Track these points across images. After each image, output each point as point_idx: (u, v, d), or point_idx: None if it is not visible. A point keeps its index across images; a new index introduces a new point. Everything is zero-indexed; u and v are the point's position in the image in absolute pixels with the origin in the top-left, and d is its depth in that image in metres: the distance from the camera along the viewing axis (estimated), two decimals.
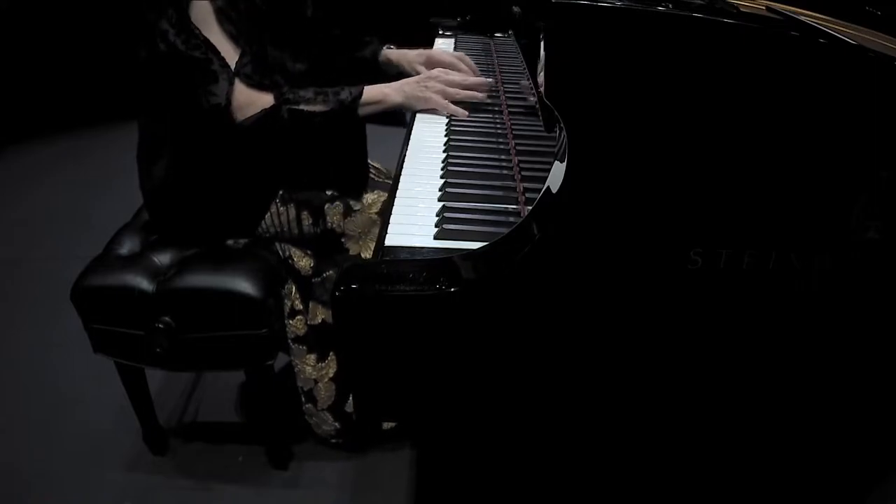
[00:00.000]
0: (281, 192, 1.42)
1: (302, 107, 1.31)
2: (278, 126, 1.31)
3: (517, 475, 1.25)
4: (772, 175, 0.82)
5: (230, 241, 1.47)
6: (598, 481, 1.15)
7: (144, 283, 1.35)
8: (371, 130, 1.49)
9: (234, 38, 1.30)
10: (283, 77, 1.39)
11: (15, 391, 1.80)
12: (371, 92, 1.36)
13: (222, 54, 1.29)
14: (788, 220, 0.84)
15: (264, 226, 1.44)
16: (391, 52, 1.64)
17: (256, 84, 1.31)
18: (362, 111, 1.36)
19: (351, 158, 1.48)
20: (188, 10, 1.28)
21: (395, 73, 1.62)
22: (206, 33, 1.28)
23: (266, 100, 1.31)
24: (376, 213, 1.44)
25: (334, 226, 1.43)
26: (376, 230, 1.40)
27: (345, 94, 1.33)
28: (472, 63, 1.53)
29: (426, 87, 1.40)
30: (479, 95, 1.42)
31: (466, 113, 1.38)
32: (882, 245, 0.85)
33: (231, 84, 1.29)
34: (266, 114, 1.30)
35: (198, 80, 1.29)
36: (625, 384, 0.93)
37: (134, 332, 1.37)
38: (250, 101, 1.30)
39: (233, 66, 1.29)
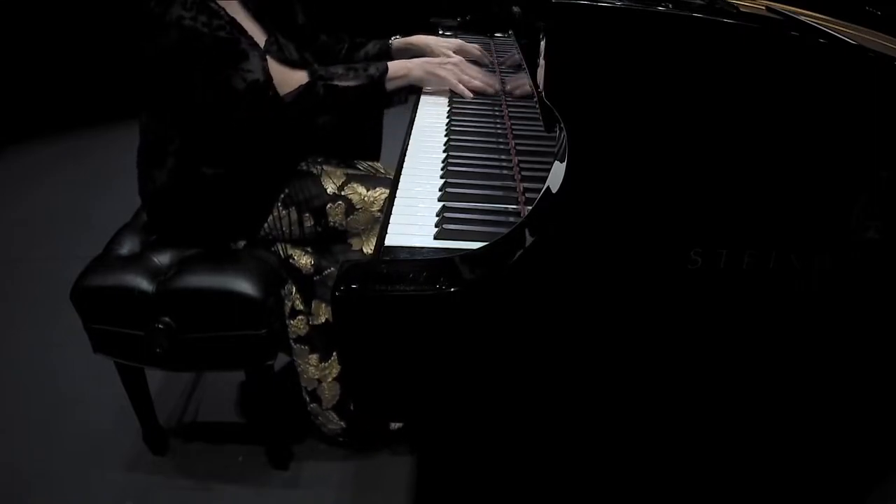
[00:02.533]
0: (282, 196, 1.42)
1: (336, 82, 1.35)
2: (316, 102, 1.34)
3: (517, 475, 1.25)
4: (772, 175, 0.82)
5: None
6: (599, 481, 1.15)
7: (144, 284, 1.35)
8: None
9: (258, 18, 1.32)
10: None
11: (15, 391, 1.80)
12: (395, 66, 1.44)
13: (249, 34, 1.29)
14: (788, 220, 0.84)
15: (266, 229, 1.44)
16: (415, 38, 1.70)
17: (290, 61, 1.34)
18: (389, 85, 1.42)
19: (371, 129, 1.55)
20: None
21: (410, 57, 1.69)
22: (231, 12, 1.29)
23: (300, 76, 1.33)
24: (378, 211, 1.44)
25: (336, 224, 1.44)
26: (378, 227, 1.40)
27: (373, 70, 1.39)
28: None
29: (446, 68, 1.49)
30: (489, 90, 1.50)
31: (472, 95, 1.48)
32: (882, 245, 0.85)
33: (264, 59, 1.29)
34: (304, 89, 1.32)
35: (226, 61, 1.27)
36: (625, 384, 0.93)
37: (134, 332, 1.36)
38: (283, 78, 1.31)
39: (261, 45, 1.30)
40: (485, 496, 1.38)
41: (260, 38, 1.31)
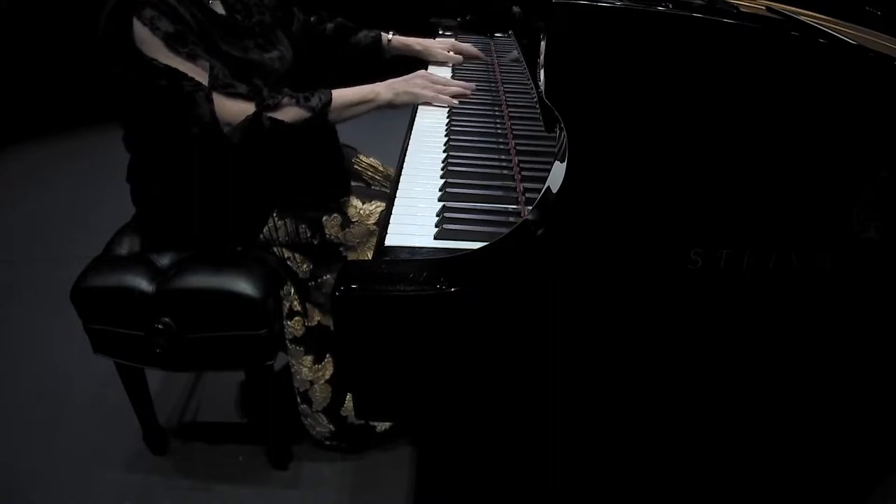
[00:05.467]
0: (278, 208, 1.42)
1: (278, 115, 1.31)
2: (261, 133, 1.30)
3: (517, 474, 1.25)
4: (772, 175, 0.82)
5: None
6: (598, 480, 1.15)
7: (144, 284, 1.35)
8: (371, 129, 1.50)
9: (194, 57, 1.27)
10: (258, 73, 1.38)
11: (15, 391, 1.80)
12: (363, 91, 1.39)
13: (190, 75, 1.26)
14: (788, 220, 0.84)
15: (263, 238, 1.44)
16: (412, 41, 1.73)
17: (237, 94, 1.30)
18: (355, 111, 1.39)
19: (327, 161, 1.48)
20: (137, 45, 1.24)
21: (388, 57, 1.73)
22: (164, 61, 1.25)
23: (245, 108, 1.30)
24: (374, 224, 1.44)
25: (332, 237, 1.43)
26: (374, 240, 1.40)
27: (315, 101, 1.34)
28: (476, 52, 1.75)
29: (416, 84, 1.45)
30: (465, 92, 1.48)
31: (457, 102, 1.45)
32: (882, 245, 0.85)
33: (210, 101, 1.26)
34: (249, 122, 1.29)
35: (177, 108, 1.27)
36: (625, 384, 0.93)
37: (134, 332, 1.37)
38: (232, 114, 1.29)
39: (204, 83, 1.27)
40: (484, 496, 1.38)
41: (202, 75, 1.27)
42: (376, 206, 1.45)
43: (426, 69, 1.64)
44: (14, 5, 3.28)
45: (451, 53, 1.73)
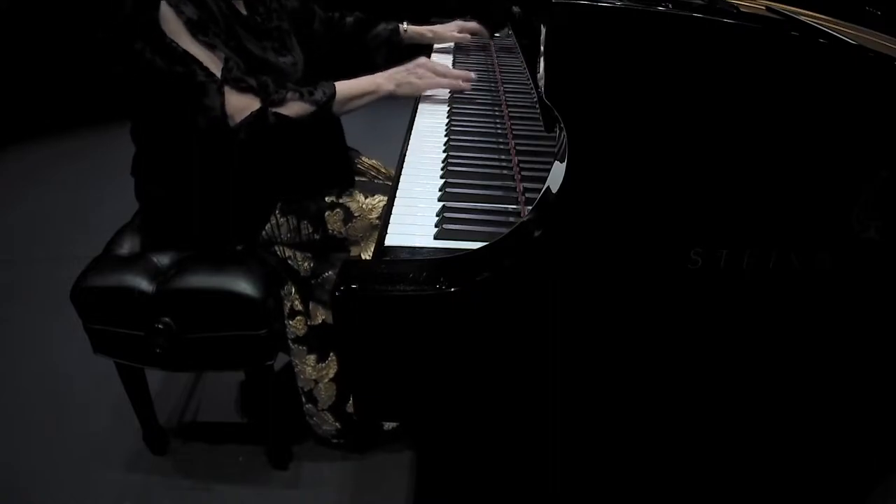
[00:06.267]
0: (280, 204, 1.42)
1: (283, 111, 1.32)
2: (266, 128, 1.31)
3: (518, 475, 1.25)
4: (772, 175, 0.82)
5: None
6: (598, 481, 1.15)
7: (144, 284, 1.35)
8: (372, 130, 1.49)
9: (212, 46, 1.29)
10: (272, 75, 1.39)
11: (15, 391, 1.81)
12: (364, 83, 1.40)
13: (206, 64, 1.28)
14: (788, 220, 0.84)
15: (265, 235, 1.44)
16: (424, 29, 1.82)
17: (247, 87, 1.31)
18: (358, 102, 1.40)
19: (333, 153, 1.50)
20: (161, 25, 1.26)
21: (404, 47, 1.78)
22: (183, 46, 1.27)
23: (252, 103, 1.31)
24: (377, 218, 1.44)
25: (335, 232, 1.43)
26: (376, 234, 1.40)
27: (319, 94, 1.35)
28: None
29: (416, 73, 1.45)
30: (465, 85, 1.48)
31: (460, 83, 1.47)
32: (882, 245, 0.85)
33: (221, 94, 1.28)
34: (255, 117, 1.30)
35: (188, 97, 1.28)
36: (625, 384, 0.93)
37: (134, 332, 1.37)
38: (238, 109, 1.30)
39: (218, 74, 1.28)
40: (484, 496, 1.38)
41: (217, 65, 1.29)
42: (378, 201, 1.45)
43: (429, 55, 1.65)
44: (14, 5, 3.28)
45: (460, 34, 1.83)
